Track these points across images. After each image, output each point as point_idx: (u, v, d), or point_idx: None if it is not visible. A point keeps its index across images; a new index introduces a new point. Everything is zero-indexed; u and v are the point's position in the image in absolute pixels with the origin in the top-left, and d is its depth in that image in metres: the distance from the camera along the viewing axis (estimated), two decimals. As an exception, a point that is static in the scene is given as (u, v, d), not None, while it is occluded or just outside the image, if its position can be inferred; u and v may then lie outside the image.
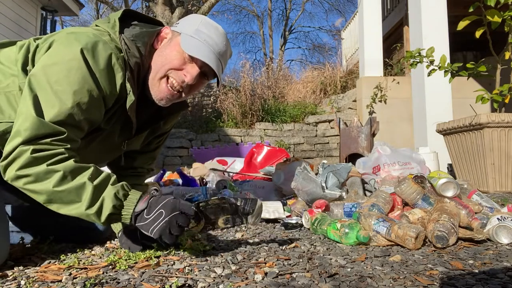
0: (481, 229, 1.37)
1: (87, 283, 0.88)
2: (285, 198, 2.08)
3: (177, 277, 0.93)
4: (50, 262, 1.08)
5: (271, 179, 2.43)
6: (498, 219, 1.37)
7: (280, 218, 1.78)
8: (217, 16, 16.61)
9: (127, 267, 1.02)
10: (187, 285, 0.88)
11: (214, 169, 3.07)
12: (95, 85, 1.04)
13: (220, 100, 7.17)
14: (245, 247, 1.26)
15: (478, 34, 3.02)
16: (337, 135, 6.21)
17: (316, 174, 2.14)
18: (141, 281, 0.90)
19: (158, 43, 1.22)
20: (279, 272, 0.97)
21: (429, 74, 3.31)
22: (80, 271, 0.98)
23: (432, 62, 3.23)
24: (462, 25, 2.99)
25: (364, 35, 6.65)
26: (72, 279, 0.92)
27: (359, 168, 2.38)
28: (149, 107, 1.27)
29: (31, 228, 1.36)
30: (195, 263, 1.06)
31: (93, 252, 1.21)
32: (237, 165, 3.43)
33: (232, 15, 21.17)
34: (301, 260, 1.10)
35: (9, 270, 1.01)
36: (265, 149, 3.21)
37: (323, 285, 0.88)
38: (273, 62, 12.28)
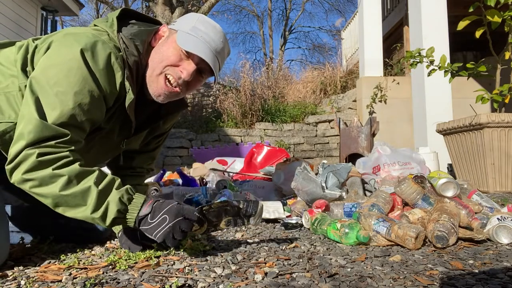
0: (481, 229, 1.37)
1: (87, 283, 0.88)
2: (285, 198, 2.08)
3: (177, 277, 0.93)
4: (50, 262, 1.09)
5: (271, 179, 2.43)
6: (498, 219, 1.37)
7: (280, 218, 1.78)
8: (217, 16, 16.65)
9: (127, 267, 1.02)
10: (187, 285, 0.88)
11: (214, 169, 3.07)
12: (95, 85, 1.04)
13: (220, 100, 7.16)
14: (245, 247, 1.26)
15: (478, 34, 3.01)
16: (337, 135, 6.21)
17: (316, 174, 2.14)
18: (141, 281, 0.90)
19: (156, 41, 1.22)
20: (279, 272, 0.97)
21: (429, 74, 3.31)
22: (80, 271, 0.98)
23: (432, 62, 3.23)
24: (462, 25, 2.99)
25: (364, 35, 6.65)
26: (72, 279, 0.92)
27: (359, 168, 2.38)
28: (148, 106, 1.27)
29: (31, 228, 1.36)
30: (195, 263, 1.06)
31: (93, 252, 1.21)
32: (237, 165, 3.43)
33: (232, 15, 21.22)
34: (301, 260, 1.10)
35: (9, 270, 1.01)
36: (265, 149, 3.21)
37: (323, 285, 0.88)
38: (273, 62, 12.27)
